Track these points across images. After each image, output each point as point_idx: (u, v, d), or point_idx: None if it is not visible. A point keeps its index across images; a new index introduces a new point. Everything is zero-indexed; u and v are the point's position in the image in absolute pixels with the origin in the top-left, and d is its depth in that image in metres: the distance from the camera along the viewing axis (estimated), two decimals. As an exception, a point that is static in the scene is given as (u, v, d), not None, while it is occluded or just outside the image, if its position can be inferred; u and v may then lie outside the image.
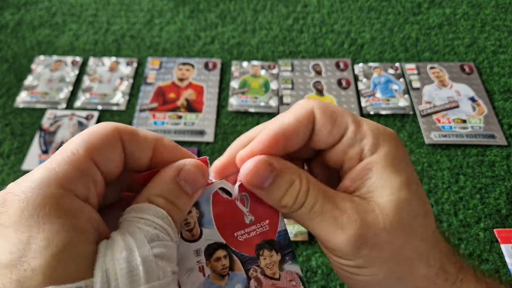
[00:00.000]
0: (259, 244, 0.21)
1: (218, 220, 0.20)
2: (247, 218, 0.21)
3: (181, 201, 0.19)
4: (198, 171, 0.19)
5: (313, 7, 0.77)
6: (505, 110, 0.62)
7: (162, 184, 0.19)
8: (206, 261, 0.20)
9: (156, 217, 0.17)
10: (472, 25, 0.72)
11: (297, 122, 0.20)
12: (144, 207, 0.18)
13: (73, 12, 0.78)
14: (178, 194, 0.19)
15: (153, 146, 0.19)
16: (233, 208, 0.21)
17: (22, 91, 0.67)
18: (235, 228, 0.21)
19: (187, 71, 0.69)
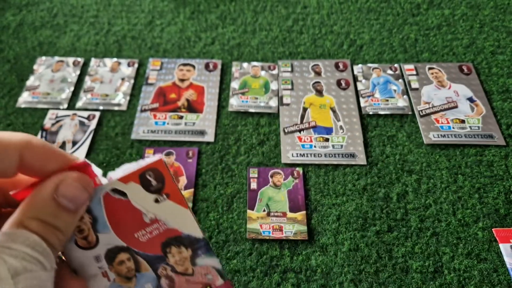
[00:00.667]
0: (164, 242, 0.19)
1: (113, 223, 0.19)
2: (146, 217, 0.19)
3: (62, 222, 0.17)
4: (79, 185, 0.17)
5: (312, 8, 0.78)
6: (503, 110, 0.62)
7: (38, 204, 0.17)
8: (109, 266, 0.19)
9: (26, 245, 0.15)
10: (470, 26, 0.73)
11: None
12: (13, 234, 0.16)
13: (74, 13, 0.79)
14: (57, 213, 0.17)
15: (19, 151, 0.17)
16: (130, 208, 0.19)
17: (24, 92, 0.68)
18: (134, 229, 0.19)
19: (187, 71, 0.69)
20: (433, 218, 0.53)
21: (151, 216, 0.19)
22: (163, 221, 0.19)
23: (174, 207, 0.19)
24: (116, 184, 0.18)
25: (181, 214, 0.19)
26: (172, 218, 0.19)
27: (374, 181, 0.56)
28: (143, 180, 0.18)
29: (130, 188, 0.18)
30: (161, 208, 0.19)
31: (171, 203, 0.19)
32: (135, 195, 0.19)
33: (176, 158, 0.59)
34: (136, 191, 0.18)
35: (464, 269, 0.49)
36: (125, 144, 0.61)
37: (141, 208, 0.19)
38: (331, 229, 0.52)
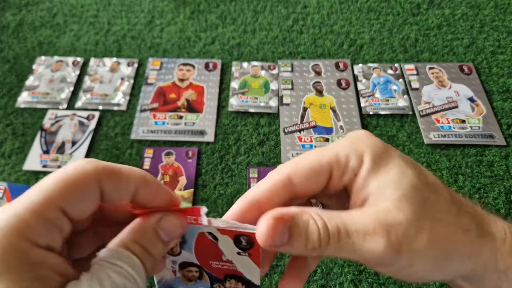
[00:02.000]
0: (228, 274, 0.23)
1: (197, 249, 0.22)
2: (224, 256, 0.22)
3: (156, 250, 0.19)
4: (177, 223, 0.20)
5: (312, 8, 0.78)
6: (504, 110, 0.62)
7: (142, 231, 0.19)
8: (180, 269, 0.23)
9: (128, 265, 0.17)
10: (471, 26, 0.73)
11: (270, 191, 0.21)
12: (119, 252, 0.18)
13: (74, 13, 0.79)
14: (155, 242, 0.19)
15: (135, 186, 0.19)
16: (215, 247, 0.22)
17: (23, 92, 0.67)
18: (211, 259, 0.22)
19: (187, 71, 0.69)
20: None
21: (228, 258, 0.22)
22: (236, 265, 0.22)
23: (250, 263, 0.22)
24: (214, 231, 0.21)
25: (252, 268, 0.22)
26: (244, 268, 0.22)
27: (374, 181, 0.56)
28: (236, 239, 0.21)
29: (223, 238, 0.21)
30: (239, 259, 0.22)
31: (249, 260, 0.22)
32: (224, 244, 0.22)
33: (176, 158, 0.59)
34: (226, 241, 0.21)
35: (465, 270, 0.49)
36: (124, 144, 0.61)
37: (224, 251, 0.22)
38: (331, 229, 0.52)
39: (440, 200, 0.20)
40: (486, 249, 0.20)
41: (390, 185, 0.19)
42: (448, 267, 0.19)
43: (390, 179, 0.19)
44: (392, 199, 0.19)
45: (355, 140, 0.21)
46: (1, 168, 0.59)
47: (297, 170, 0.21)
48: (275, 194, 0.21)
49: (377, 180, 0.20)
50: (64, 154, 0.60)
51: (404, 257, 0.18)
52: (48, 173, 0.60)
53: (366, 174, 0.20)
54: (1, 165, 0.59)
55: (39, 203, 0.16)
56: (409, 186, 0.19)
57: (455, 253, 0.19)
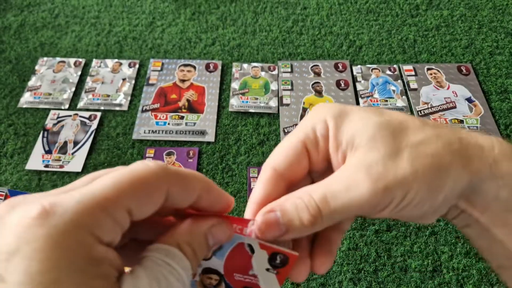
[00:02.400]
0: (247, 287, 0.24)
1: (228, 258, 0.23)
2: (252, 270, 0.23)
3: (202, 254, 0.19)
4: (227, 232, 0.20)
5: (312, 10, 0.78)
6: (501, 110, 0.63)
7: (195, 234, 0.19)
8: (200, 274, 0.23)
9: (181, 267, 0.18)
10: (469, 27, 0.73)
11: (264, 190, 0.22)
12: (172, 252, 0.18)
13: (76, 14, 0.79)
14: (203, 247, 0.19)
15: (198, 193, 0.19)
16: (248, 259, 0.22)
17: (25, 92, 0.68)
18: (237, 271, 0.23)
19: (188, 72, 0.70)
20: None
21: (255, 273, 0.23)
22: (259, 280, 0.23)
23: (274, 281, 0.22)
24: (254, 243, 0.22)
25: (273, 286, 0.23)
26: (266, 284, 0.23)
27: (373, 181, 0.56)
28: (273, 256, 0.22)
29: (260, 252, 0.22)
30: (266, 275, 0.23)
31: (275, 277, 0.22)
32: (258, 258, 0.22)
33: (176, 158, 0.59)
34: (262, 256, 0.22)
35: (463, 268, 0.49)
36: (126, 144, 0.62)
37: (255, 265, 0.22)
38: (331, 228, 0.52)
39: (410, 127, 0.20)
40: (475, 158, 0.19)
41: (357, 134, 0.20)
42: (444, 185, 0.19)
43: (355, 128, 0.20)
44: (363, 144, 0.19)
45: (315, 111, 0.22)
46: (4, 168, 0.60)
47: (277, 160, 0.22)
48: (270, 192, 0.22)
49: (345, 135, 0.20)
50: (66, 154, 0.60)
51: (394, 190, 0.18)
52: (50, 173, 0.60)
53: (334, 134, 0.21)
54: (3, 165, 0.60)
55: (110, 200, 0.16)
56: (374, 126, 0.20)
57: (445, 167, 0.19)
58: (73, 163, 0.59)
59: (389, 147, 0.19)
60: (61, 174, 0.59)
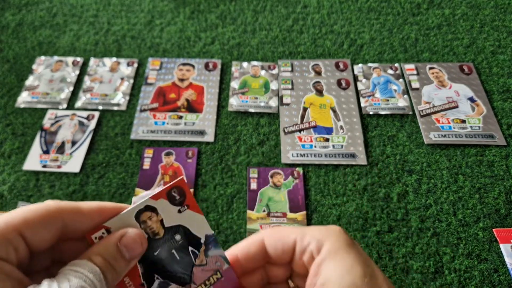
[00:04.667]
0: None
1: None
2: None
3: (118, 264, 0.21)
4: (137, 240, 0.22)
5: (312, 8, 0.77)
6: (504, 110, 0.62)
7: (105, 246, 0.21)
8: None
9: (89, 271, 0.19)
10: (471, 26, 0.73)
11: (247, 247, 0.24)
12: (81, 262, 0.20)
13: (74, 13, 0.79)
14: (116, 257, 0.21)
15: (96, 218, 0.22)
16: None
17: (23, 91, 0.67)
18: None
19: (187, 71, 0.69)
20: (433, 218, 0.53)
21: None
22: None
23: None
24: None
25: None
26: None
27: (374, 181, 0.56)
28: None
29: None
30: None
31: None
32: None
33: (175, 158, 0.59)
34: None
35: (465, 270, 0.49)
36: (124, 144, 0.61)
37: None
38: (331, 230, 0.52)
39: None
40: None
41: (334, 279, 0.21)
42: None
43: (336, 273, 0.21)
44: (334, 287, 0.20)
45: (324, 230, 0.23)
46: (1, 168, 0.59)
47: (270, 234, 0.24)
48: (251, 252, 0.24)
49: (327, 271, 0.21)
50: (64, 154, 0.60)
51: None
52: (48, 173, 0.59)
53: (319, 262, 0.22)
54: (1, 165, 0.59)
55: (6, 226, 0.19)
56: (349, 284, 0.20)
57: None
58: (71, 163, 0.59)
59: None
60: (59, 175, 0.58)
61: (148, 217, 0.23)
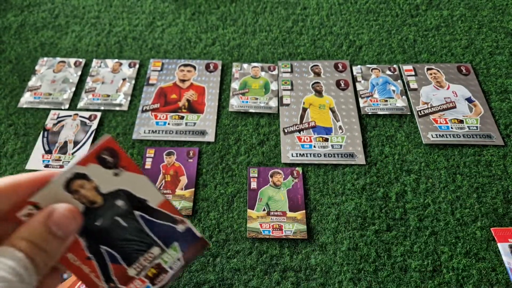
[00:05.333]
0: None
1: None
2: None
3: (50, 246, 0.19)
4: (69, 215, 0.20)
5: (312, 10, 0.78)
6: (501, 110, 0.63)
7: (30, 228, 0.19)
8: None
9: (11, 259, 0.18)
10: (469, 27, 0.73)
11: None
12: (3, 250, 0.18)
13: (76, 14, 0.79)
14: (47, 238, 0.19)
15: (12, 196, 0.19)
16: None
17: (25, 92, 0.68)
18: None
19: (188, 72, 0.70)
20: (431, 217, 0.53)
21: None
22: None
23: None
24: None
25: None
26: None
27: (373, 181, 0.56)
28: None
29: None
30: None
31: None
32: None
33: (176, 158, 0.59)
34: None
35: (463, 268, 0.49)
36: (126, 144, 0.62)
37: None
38: (331, 228, 0.53)
39: None
40: None
41: None
42: None
43: None
44: None
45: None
46: (4, 168, 0.60)
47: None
48: None
49: None
50: (66, 154, 0.60)
51: None
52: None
53: None
54: (3, 165, 0.60)
55: None
56: None
57: None
58: (73, 163, 0.59)
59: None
60: (61, 174, 0.59)
61: (79, 186, 0.21)
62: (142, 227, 0.22)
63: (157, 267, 0.23)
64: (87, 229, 0.21)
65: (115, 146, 0.21)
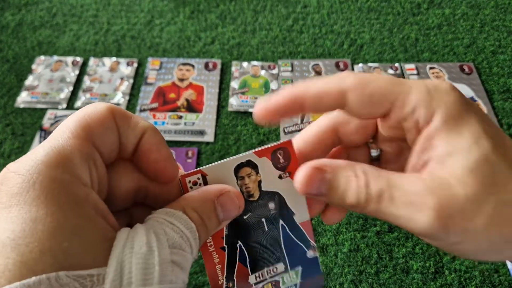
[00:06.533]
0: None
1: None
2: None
3: (211, 224, 0.19)
4: (236, 202, 0.20)
5: (313, 8, 0.77)
6: (504, 110, 0.62)
7: (201, 201, 0.19)
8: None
9: (185, 227, 0.17)
10: (471, 26, 0.73)
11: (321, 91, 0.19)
12: (177, 214, 0.18)
13: (74, 13, 0.79)
14: (211, 215, 0.19)
15: (140, 134, 0.19)
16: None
17: (22, 91, 0.67)
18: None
19: (187, 71, 0.69)
20: None
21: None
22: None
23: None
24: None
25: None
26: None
27: (374, 181, 0.56)
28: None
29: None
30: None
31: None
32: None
33: (175, 158, 0.59)
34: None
35: (465, 270, 0.48)
36: (124, 144, 0.61)
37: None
38: (331, 230, 0.52)
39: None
40: None
41: (457, 154, 0.17)
42: (507, 250, 0.17)
43: (459, 146, 0.17)
44: (456, 169, 0.16)
45: (433, 91, 0.18)
46: (1, 168, 0.59)
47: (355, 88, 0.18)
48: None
49: (444, 145, 0.17)
50: (63, 154, 0.60)
51: (454, 234, 0.16)
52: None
53: (432, 135, 0.17)
54: (0, 165, 0.59)
55: (74, 138, 0.16)
56: (480, 158, 0.16)
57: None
58: (70, 164, 0.58)
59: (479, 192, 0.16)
60: (58, 175, 0.58)
61: (247, 174, 0.21)
62: (279, 238, 0.22)
63: (275, 284, 0.22)
64: (234, 220, 0.21)
65: (291, 150, 0.21)
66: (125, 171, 0.19)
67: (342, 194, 0.18)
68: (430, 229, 0.16)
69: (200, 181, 0.20)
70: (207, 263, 0.21)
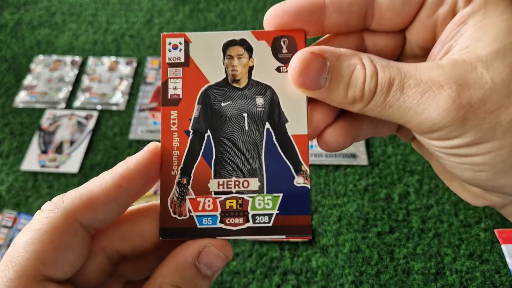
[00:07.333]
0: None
1: None
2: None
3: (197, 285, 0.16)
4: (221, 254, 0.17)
5: (313, 7, 0.77)
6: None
7: (179, 271, 0.16)
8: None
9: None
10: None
11: None
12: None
13: (73, 12, 0.78)
14: (196, 281, 0.16)
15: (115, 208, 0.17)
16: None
17: (21, 91, 0.67)
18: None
19: (186, 71, 0.69)
20: (435, 219, 0.52)
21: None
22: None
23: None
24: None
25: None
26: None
27: (375, 182, 0.56)
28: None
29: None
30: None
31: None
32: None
33: (175, 158, 0.59)
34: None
35: (466, 270, 0.48)
36: (123, 144, 0.61)
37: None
38: (332, 230, 0.52)
39: None
40: None
41: (490, 34, 0.14)
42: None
43: (496, 29, 0.14)
44: (484, 51, 0.14)
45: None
46: (1, 168, 0.59)
47: None
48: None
49: (480, 27, 0.14)
50: (62, 154, 0.59)
51: (472, 129, 0.14)
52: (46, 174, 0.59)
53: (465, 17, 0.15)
54: None
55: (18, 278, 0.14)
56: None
57: None
58: (69, 164, 0.58)
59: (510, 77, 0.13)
60: (57, 175, 0.58)
61: (238, 54, 0.18)
62: (260, 145, 0.17)
63: (240, 204, 0.17)
64: (209, 102, 0.17)
65: (300, 42, 0.17)
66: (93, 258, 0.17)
67: (344, 86, 0.15)
68: (444, 120, 0.14)
69: (181, 47, 0.17)
70: (164, 142, 0.17)
